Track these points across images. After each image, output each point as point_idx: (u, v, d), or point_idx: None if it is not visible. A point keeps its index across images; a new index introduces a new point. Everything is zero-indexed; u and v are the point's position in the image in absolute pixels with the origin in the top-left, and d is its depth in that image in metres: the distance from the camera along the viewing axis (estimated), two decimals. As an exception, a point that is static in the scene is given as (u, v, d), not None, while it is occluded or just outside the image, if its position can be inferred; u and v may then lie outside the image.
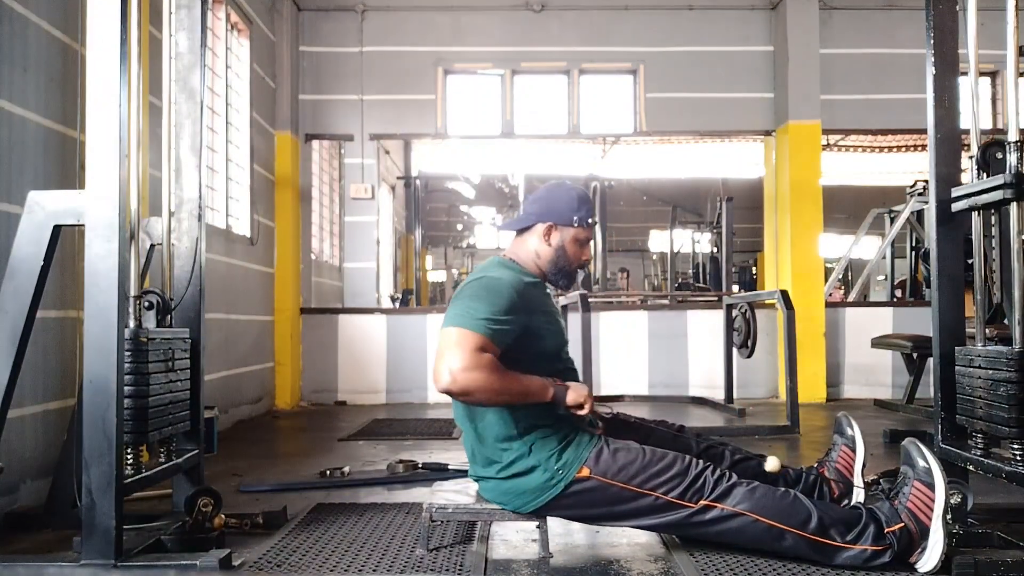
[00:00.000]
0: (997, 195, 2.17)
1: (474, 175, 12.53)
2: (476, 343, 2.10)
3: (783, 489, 2.19)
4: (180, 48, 2.77)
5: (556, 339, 2.37)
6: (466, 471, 2.43)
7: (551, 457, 2.19)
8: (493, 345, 2.13)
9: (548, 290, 2.50)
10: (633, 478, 2.17)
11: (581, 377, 2.51)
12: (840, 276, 9.46)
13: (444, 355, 2.10)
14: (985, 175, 2.27)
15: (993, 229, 2.37)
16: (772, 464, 2.41)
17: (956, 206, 2.40)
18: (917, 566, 2.04)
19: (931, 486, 2.04)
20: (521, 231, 2.46)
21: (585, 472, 2.18)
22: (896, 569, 2.05)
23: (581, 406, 2.24)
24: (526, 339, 2.23)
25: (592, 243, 2.69)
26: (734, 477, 2.19)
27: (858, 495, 2.35)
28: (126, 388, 2.21)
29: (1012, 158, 2.13)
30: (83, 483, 2.09)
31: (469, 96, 7.20)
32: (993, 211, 2.27)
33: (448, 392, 2.11)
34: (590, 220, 2.42)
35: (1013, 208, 2.13)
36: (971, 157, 2.31)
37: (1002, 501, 2.75)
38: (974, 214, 2.34)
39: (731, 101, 6.98)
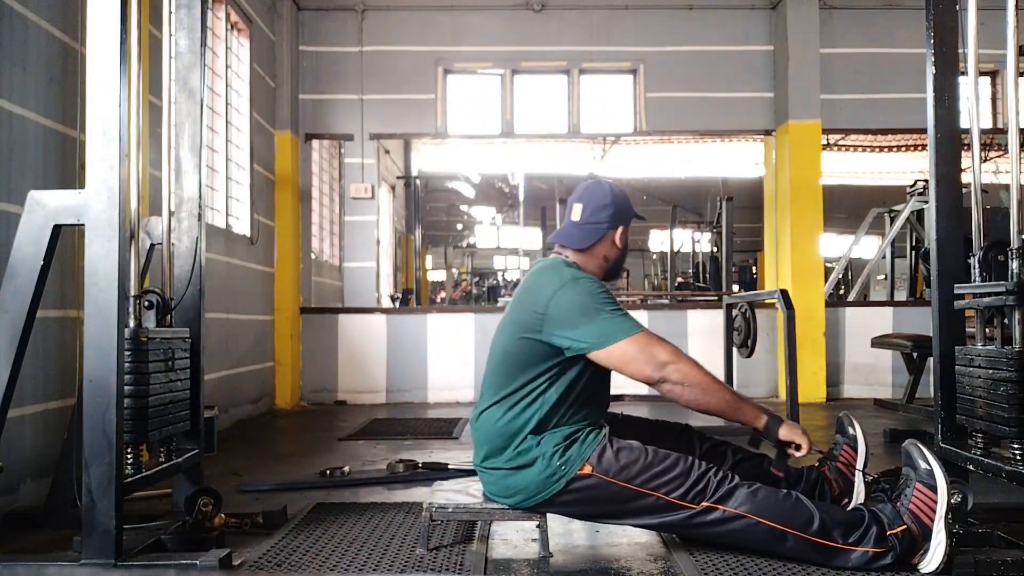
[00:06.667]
0: (999, 300, 2.21)
1: (474, 175, 12.52)
2: (656, 338, 2.19)
3: (785, 491, 2.18)
4: (180, 48, 2.77)
5: None
6: (466, 470, 2.43)
7: (555, 453, 2.19)
8: None
9: None
10: (635, 478, 2.16)
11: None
12: (840, 276, 9.45)
13: (638, 357, 2.16)
14: (987, 276, 2.32)
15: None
16: None
17: (958, 304, 2.44)
18: (920, 567, 2.04)
19: (933, 488, 2.04)
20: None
21: (587, 469, 2.17)
22: (898, 571, 2.05)
23: (794, 445, 2.25)
24: None
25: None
26: (736, 479, 2.18)
27: (859, 494, 2.35)
28: (126, 388, 2.20)
29: (1014, 265, 2.17)
30: (83, 483, 2.09)
31: (469, 96, 7.20)
32: (995, 313, 2.32)
33: (663, 380, 2.15)
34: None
35: (1015, 312, 2.17)
36: (973, 255, 2.36)
37: (1002, 501, 2.75)
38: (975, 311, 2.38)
39: (731, 101, 6.98)
